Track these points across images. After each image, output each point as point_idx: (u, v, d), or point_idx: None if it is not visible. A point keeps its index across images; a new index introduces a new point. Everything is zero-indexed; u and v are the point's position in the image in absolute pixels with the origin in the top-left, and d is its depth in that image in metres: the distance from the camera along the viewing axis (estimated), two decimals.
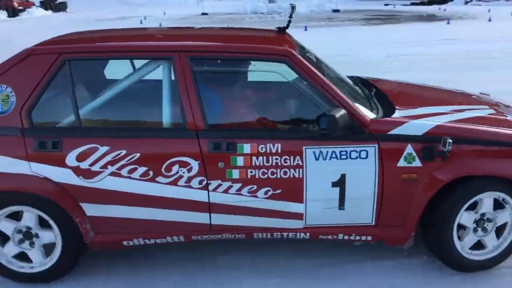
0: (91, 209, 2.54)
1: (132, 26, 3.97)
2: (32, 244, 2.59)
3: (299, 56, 2.59)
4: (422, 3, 26.95)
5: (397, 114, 2.68)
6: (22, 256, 2.63)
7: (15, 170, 2.45)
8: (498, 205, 2.65)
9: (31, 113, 2.49)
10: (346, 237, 2.68)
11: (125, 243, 2.64)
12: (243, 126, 2.70)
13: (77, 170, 2.46)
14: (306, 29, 14.76)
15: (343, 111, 2.46)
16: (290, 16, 3.07)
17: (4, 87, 2.50)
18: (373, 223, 2.64)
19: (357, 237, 2.67)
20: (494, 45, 10.80)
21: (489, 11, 20.18)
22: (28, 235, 2.58)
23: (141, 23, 16.94)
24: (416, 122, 2.59)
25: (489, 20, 16.54)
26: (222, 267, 2.75)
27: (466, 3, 26.50)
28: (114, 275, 2.71)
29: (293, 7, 3.13)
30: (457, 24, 15.94)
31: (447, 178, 2.52)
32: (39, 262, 2.62)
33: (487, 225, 2.66)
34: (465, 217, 2.62)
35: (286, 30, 3.05)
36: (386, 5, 26.47)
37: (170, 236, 2.65)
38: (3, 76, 2.51)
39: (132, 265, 2.79)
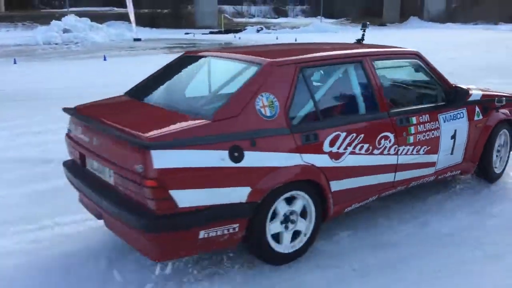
0: (335, 185, 3.08)
1: None
2: (286, 228, 2.96)
3: (423, 54, 3.73)
4: (220, 32, 28.51)
5: None
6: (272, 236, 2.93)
7: (291, 163, 2.86)
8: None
9: (289, 114, 2.92)
10: (448, 173, 3.91)
11: (345, 210, 3.25)
12: (407, 104, 3.69)
13: (330, 154, 3.02)
14: (105, 59, 14.16)
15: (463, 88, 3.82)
16: (364, 31, 4.28)
17: (267, 95, 2.86)
18: (461, 161, 3.96)
19: (453, 172, 3.96)
20: None
21: (277, 38, 22.39)
22: (286, 220, 2.95)
23: None
24: (474, 91, 4.02)
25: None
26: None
27: (258, 31, 29.00)
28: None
29: (365, 24, 4.29)
30: None
31: (494, 123, 4.09)
32: (284, 245, 2.97)
33: (501, 149, 4.32)
34: (497, 145, 4.26)
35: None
36: (186, 33, 27.04)
37: (371, 196, 3.39)
38: (264, 86, 2.87)
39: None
